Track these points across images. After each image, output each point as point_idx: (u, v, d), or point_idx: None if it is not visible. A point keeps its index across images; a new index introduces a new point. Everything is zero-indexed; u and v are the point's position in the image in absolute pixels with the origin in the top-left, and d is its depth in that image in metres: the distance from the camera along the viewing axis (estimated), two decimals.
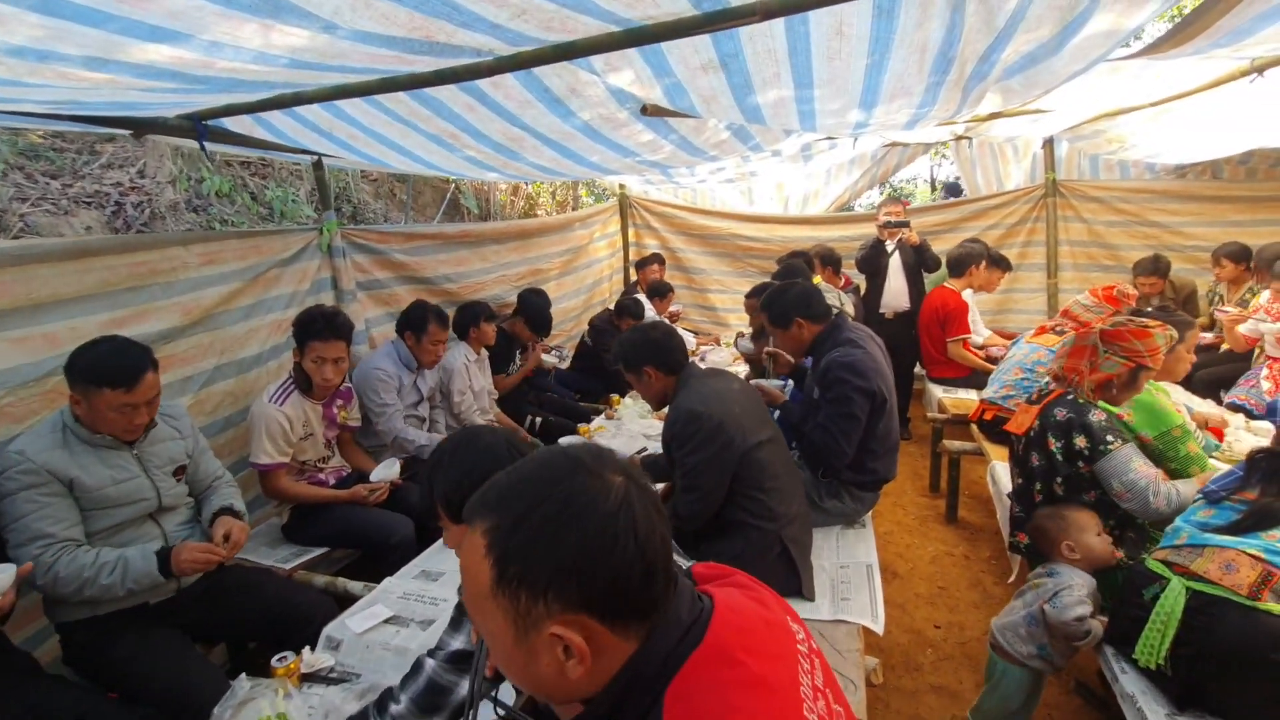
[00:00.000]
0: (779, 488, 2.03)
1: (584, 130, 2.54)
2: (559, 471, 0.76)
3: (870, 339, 2.55)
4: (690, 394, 2.11)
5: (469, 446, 1.31)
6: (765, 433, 2.10)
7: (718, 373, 2.29)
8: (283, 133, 2.64)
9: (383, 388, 3.12)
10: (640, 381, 2.27)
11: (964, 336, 4.46)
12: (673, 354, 2.23)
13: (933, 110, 2.59)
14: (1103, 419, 2.06)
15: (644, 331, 2.28)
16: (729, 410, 2.02)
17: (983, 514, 3.93)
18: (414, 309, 3.24)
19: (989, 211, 5.97)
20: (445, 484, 1.30)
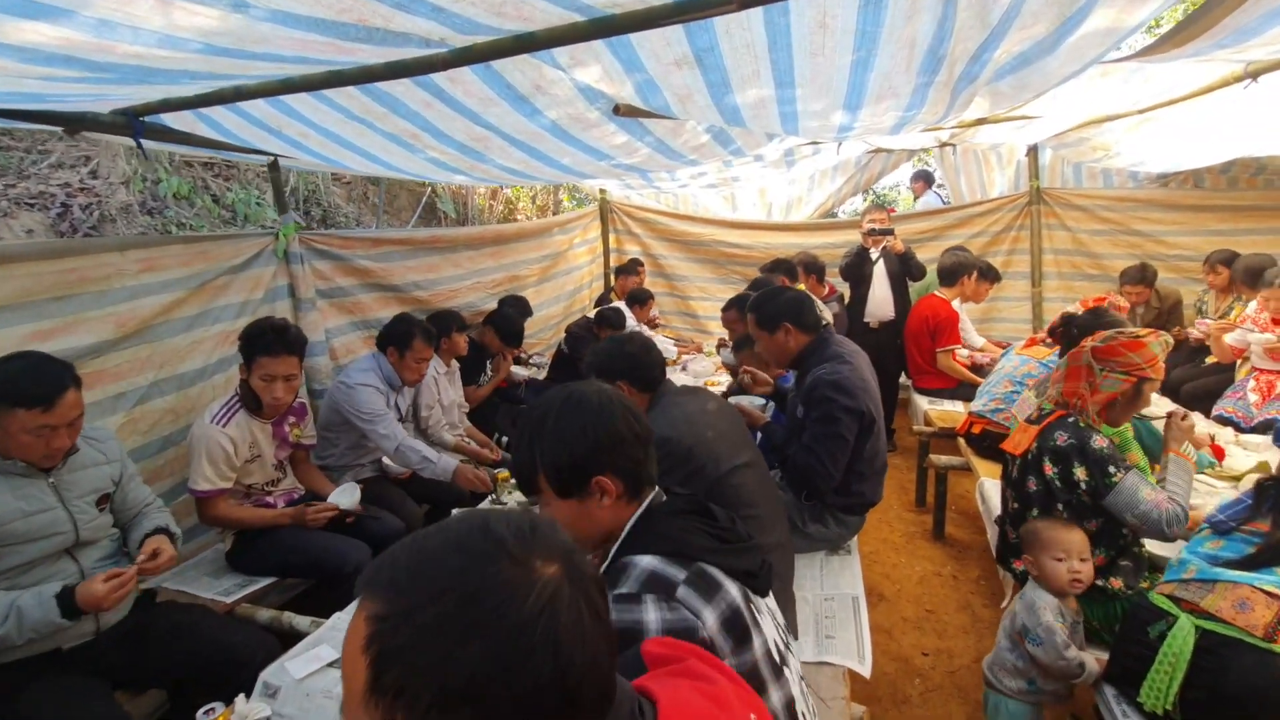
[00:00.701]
0: (757, 516, 1.88)
1: (552, 130, 2.38)
2: (472, 554, 0.59)
3: (858, 354, 2.41)
4: (661, 416, 1.96)
5: (581, 405, 1.17)
6: (742, 456, 1.96)
7: (693, 391, 2.14)
8: (229, 131, 2.46)
9: (373, 398, 2.93)
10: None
11: (953, 347, 4.35)
12: (649, 370, 2.07)
13: (920, 113, 2.47)
14: (1104, 446, 1.93)
15: (620, 344, 2.12)
16: (700, 435, 1.88)
17: (971, 530, 3.82)
18: (398, 323, 3.06)
19: (974, 219, 5.91)
20: (554, 448, 1.14)
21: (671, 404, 2.01)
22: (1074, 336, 2.71)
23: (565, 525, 1.18)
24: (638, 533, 1.14)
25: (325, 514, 2.48)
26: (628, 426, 1.16)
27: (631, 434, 1.16)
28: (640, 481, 1.17)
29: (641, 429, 1.18)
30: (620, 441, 1.14)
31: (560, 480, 1.14)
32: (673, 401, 2.03)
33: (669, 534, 1.11)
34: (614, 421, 1.14)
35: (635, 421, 1.18)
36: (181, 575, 2.50)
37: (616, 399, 1.19)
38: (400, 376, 3.06)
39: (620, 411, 1.16)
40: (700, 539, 1.11)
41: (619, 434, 1.14)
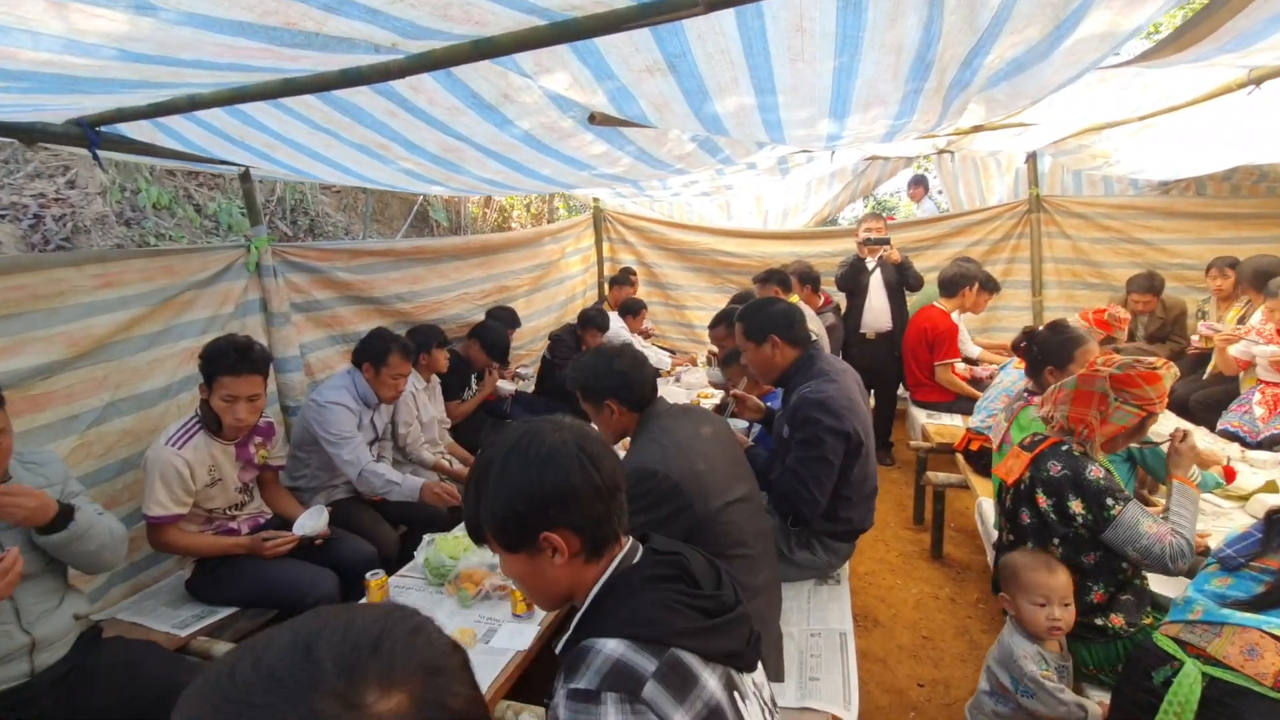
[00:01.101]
0: (746, 555, 1.76)
1: (526, 141, 2.28)
2: (285, 690, 0.48)
3: (845, 373, 2.29)
4: (649, 443, 1.83)
5: (528, 452, 1.02)
6: (736, 491, 1.82)
7: (686, 412, 1.99)
8: (191, 142, 2.36)
9: (342, 418, 2.81)
10: (599, 414, 1.98)
11: (952, 361, 4.23)
12: (640, 388, 1.93)
13: (911, 121, 2.37)
14: (1100, 476, 1.81)
15: (608, 360, 1.97)
16: (690, 467, 1.74)
17: (970, 549, 3.69)
18: (374, 339, 2.93)
19: (972, 227, 5.80)
20: (497, 501, 1.01)
21: (661, 430, 1.86)
22: (1034, 354, 2.61)
23: (519, 581, 1.07)
24: (604, 605, 1.01)
25: (284, 545, 2.37)
26: (585, 478, 1.01)
27: (589, 486, 1.01)
28: (602, 539, 1.04)
29: (604, 479, 1.04)
30: (573, 496, 1.00)
31: (504, 536, 1.02)
32: (662, 427, 1.88)
33: (640, 611, 0.97)
34: (567, 472, 1.00)
35: (596, 471, 1.03)
36: (139, 605, 2.40)
37: (576, 443, 1.04)
38: (376, 393, 2.95)
39: (577, 459, 1.02)
40: (678, 617, 0.97)
41: (572, 487, 1.00)
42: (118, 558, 1.88)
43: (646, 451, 1.80)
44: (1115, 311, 3.41)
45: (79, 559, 1.78)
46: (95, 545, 1.77)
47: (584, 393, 2.00)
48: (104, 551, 1.80)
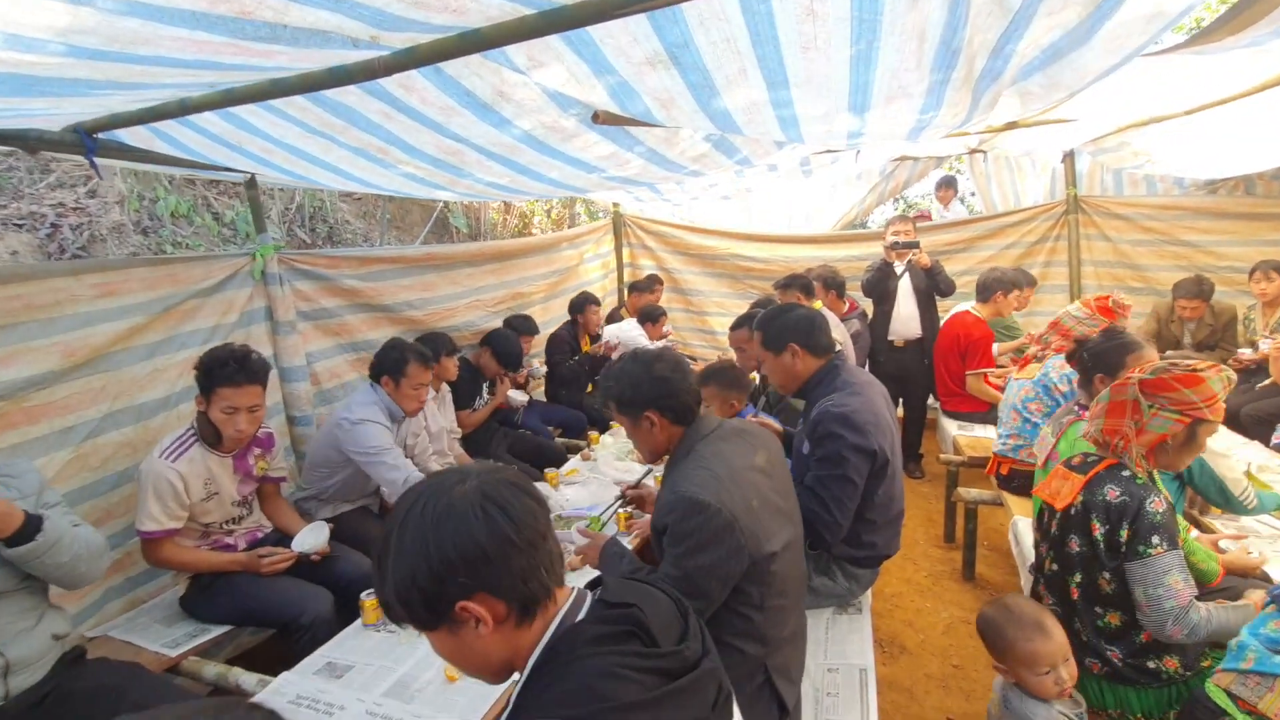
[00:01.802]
0: (783, 605, 1.60)
1: (527, 141, 2.18)
2: None
3: (871, 385, 2.13)
4: (697, 468, 1.58)
5: (424, 513, 0.87)
6: (784, 535, 1.61)
7: (740, 434, 1.73)
8: (188, 147, 2.31)
9: (377, 432, 2.71)
10: (636, 429, 1.75)
11: (985, 370, 4.02)
12: (684, 396, 1.70)
13: (938, 116, 2.21)
14: (1161, 511, 1.62)
15: (647, 364, 1.73)
16: (744, 502, 1.53)
17: (1004, 570, 3.48)
18: (389, 350, 2.85)
19: (1006, 229, 5.56)
20: (397, 576, 0.87)
21: (713, 453, 1.62)
22: (1085, 362, 2.41)
23: (449, 660, 0.94)
24: (543, 675, 0.87)
25: (280, 562, 2.29)
26: (493, 533, 0.85)
27: (500, 541, 0.85)
28: (531, 598, 0.89)
29: (519, 529, 0.87)
30: (482, 556, 0.84)
31: (414, 613, 0.87)
32: (714, 450, 1.63)
33: (581, 684, 0.82)
34: (469, 530, 0.85)
35: (507, 521, 0.86)
36: (132, 622, 2.34)
37: (480, 492, 0.88)
38: (400, 407, 2.86)
39: (480, 512, 0.86)
40: (627, 688, 0.83)
41: (478, 546, 0.84)
42: (96, 571, 1.80)
43: (695, 479, 1.54)
44: (1118, 298, 3.18)
45: (52, 572, 1.71)
46: (68, 557, 1.69)
47: (619, 404, 1.77)
48: (79, 564, 1.73)
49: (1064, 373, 3.04)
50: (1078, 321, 3.18)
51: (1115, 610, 1.70)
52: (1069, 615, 1.79)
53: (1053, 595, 1.85)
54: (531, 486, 0.95)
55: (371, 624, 2.13)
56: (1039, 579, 1.94)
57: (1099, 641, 1.73)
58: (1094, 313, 3.18)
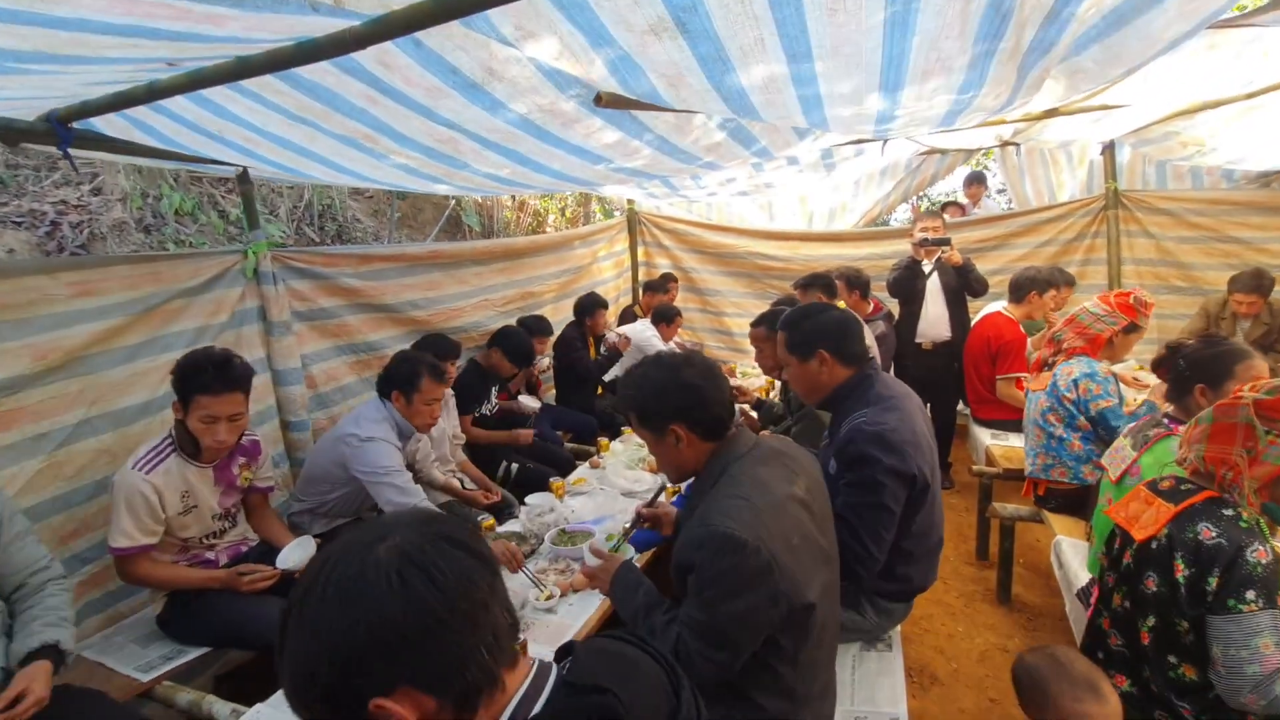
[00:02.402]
0: (814, 660, 1.41)
1: (525, 128, 2.00)
2: None
3: (908, 399, 1.90)
4: (733, 498, 1.36)
5: (327, 584, 0.68)
6: (822, 577, 1.41)
7: (777, 455, 1.51)
8: (166, 137, 2.17)
9: (386, 452, 2.55)
10: (660, 444, 1.54)
11: (1017, 375, 3.77)
12: (716, 407, 1.49)
13: (978, 96, 1.99)
14: (1264, 563, 1.37)
15: (673, 369, 1.52)
16: (784, 540, 1.33)
17: (1043, 591, 3.23)
18: (400, 364, 2.68)
19: (1041, 226, 5.27)
20: (294, 664, 0.69)
21: (748, 479, 1.40)
22: (1182, 372, 2.16)
23: None
24: None
25: (262, 580, 2.14)
26: (414, 607, 0.66)
27: (425, 618, 0.67)
28: (471, 689, 0.70)
29: (450, 598, 0.68)
30: (401, 640, 0.66)
31: (315, 715, 0.69)
32: (750, 474, 1.42)
33: None
34: (381, 605, 0.66)
35: (434, 590, 0.67)
36: (108, 641, 2.20)
37: (401, 553, 0.69)
38: (411, 423, 2.68)
39: (396, 580, 0.67)
40: None
41: (396, 628, 0.66)
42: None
43: (730, 510, 1.33)
44: (1140, 294, 2.92)
45: None
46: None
47: (641, 416, 1.55)
48: None
49: (1072, 378, 2.80)
50: (1095, 318, 2.93)
51: (1191, 662, 1.47)
52: (1136, 661, 1.56)
53: (1120, 635, 1.62)
54: (475, 540, 0.75)
55: None
56: (1101, 613, 1.71)
57: (1169, 694, 1.51)
58: (1113, 309, 2.93)
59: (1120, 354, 3.04)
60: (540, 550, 2.53)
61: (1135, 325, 2.93)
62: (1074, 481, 2.84)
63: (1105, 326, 2.92)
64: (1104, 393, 2.78)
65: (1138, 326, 2.94)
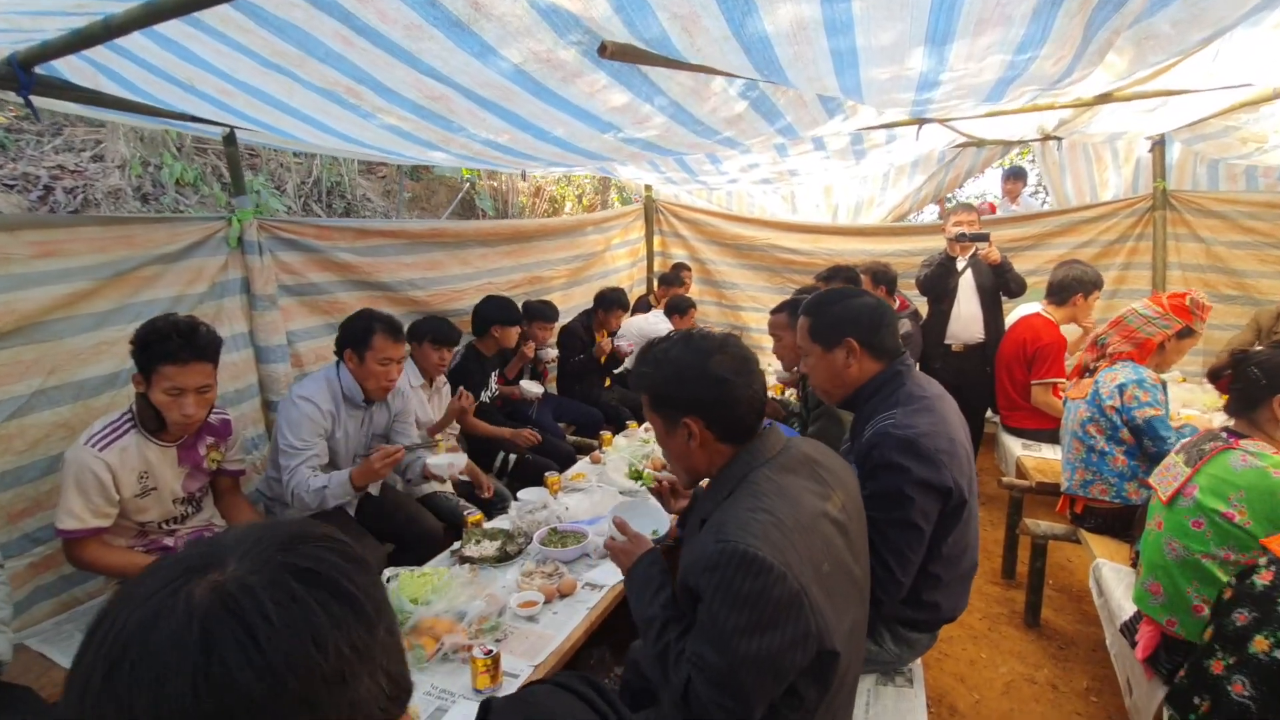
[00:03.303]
0: (832, 709, 1.20)
1: (521, 81, 1.79)
2: None
3: (943, 400, 1.66)
4: (754, 512, 1.14)
5: (108, 650, 0.45)
6: (850, 614, 1.20)
7: (809, 463, 1.29)
8: (135, 85, 2.00)
9: (302, 426, 2.36)
10: (671, 436, 1.33)
11: (1054, 380, 3.50)
12: (743, 406, 1.27)
13: (1037, 59, 1.74)
14: None
15: (703, 354, 1.29)
16: (814, 566, 1.12)
17: (1075, 617, 2.98)
18: (354, 321, 2.47)
19: (1081, 226, 4.96)
20: None
21: (774, 490, 1.19)
22: (1253, 381, 1.90)
23: None
24: None
25: None
26: (217, 698, 0.43)
27: (238, 711, 0.44)
28: None
29: (301, 681, 0.46)
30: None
31: None
32: (776, 484, 1.20)
33: None
34: (166, 692, 0.43)
35: (259, 673, 0.44)
36: (57, 630, 2.05)
37: (233, 602, 0.46)
38: (363, 387, 2.50)
39: (206, 650, 0.44)
40: None
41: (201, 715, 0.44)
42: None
43: (751, 525, 1.12)
44: (1197, 296, 2.64)
45: None
46: None
47: (654, 399, 1.34)
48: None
49: (1115, 384, 2.54)
50: (1146, 321, 2.66)
51: None
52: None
53: (1256, 686, 1.33)
54: (352, 573, 0.52)
55: None
56: (1215, 653, 1.42)
57: None
58: (1166, 311, 2.66)
59: (1171, 361, 2.77)
60: (528, 550, 2.34)
61: (1190, 330, 2.66)
62: (1116, 500, 2.58)
63: (1157, 330, 2.65)
64: (1151, 400, 2.51)
65: (1193, 331, 2.67)
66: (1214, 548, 1.62)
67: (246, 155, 5.22)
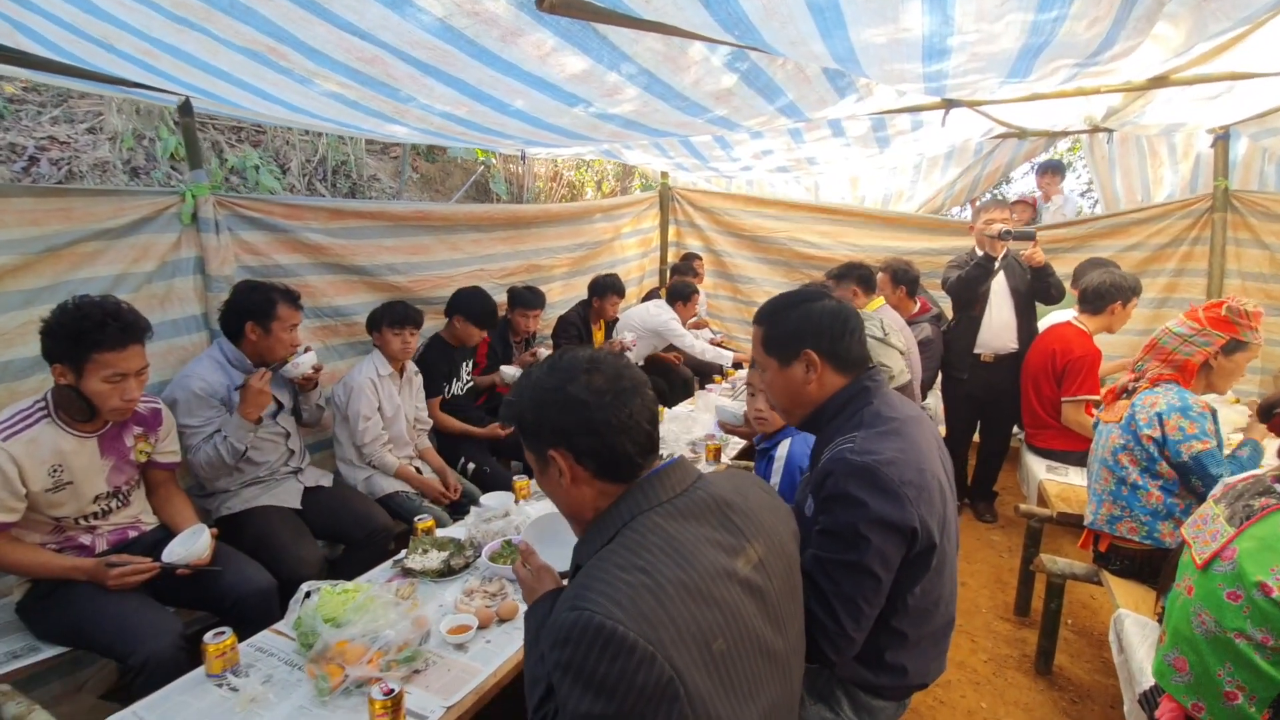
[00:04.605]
0: None
1: (452, 40, 1.56)
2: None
3: (917, 423, 1.39)
4: (623, 570, 0.92)
5: None
6: (760, 701, 0.97)
7: (719, 510, 1.04)
8: (53, 44, 1.84)
9: (196, 406, 2.27)
10: (544, 473, 1.10)
11: (1087, 398, 3.15)
12: (617, 436, 1.03)
13: (1066, 19, 1.45)
14: None
15: (564, 374, 1.06)
16: (697, 641, 0.90)
17: (1092, 665, 2.67)
18: (251, 293, 2.38)
19: (1130, 228, 4.54)
20: None
21: (654, 540, 0.96)
22: None
23: None
24: None
25: (134, 575, 1.81)
26: None
27: None
28: None
29: None
30: None
31: None
32: (662, 534, 0.97)
33: None
34: None
35: None
36: None
37: None
38: (264, 357, 2.41)
39: None
40: None
41: None
42: None
43: (620, 591, 0.89)
44: (1238, 303, 2.25)
45: None
46: None
47: (521, 431, 1.11)
48: None
49: (1155, 411, 2.20)
50: (1181, 340, 2.28)
51: None
52: None
53: None
54: None
55: (215, 674, 1.62)
56: None
57: None
58: (1203, 326, 2.28)
59: (1224, 382, 2.38)
60: (476, 564, 2.14)
61: (1238, 342, 2.26)
62: (1146, 541, 2.26)
63: (1196, 349, 2.27)
64: (1199, 432, 2.16)
65: (1242, 343, 2.27)
66: (1250, 628, 1.32)
67: (250, 130, 5.13)
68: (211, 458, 2.24)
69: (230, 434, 2.24)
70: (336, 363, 3.15)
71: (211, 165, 4.40)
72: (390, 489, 2.77)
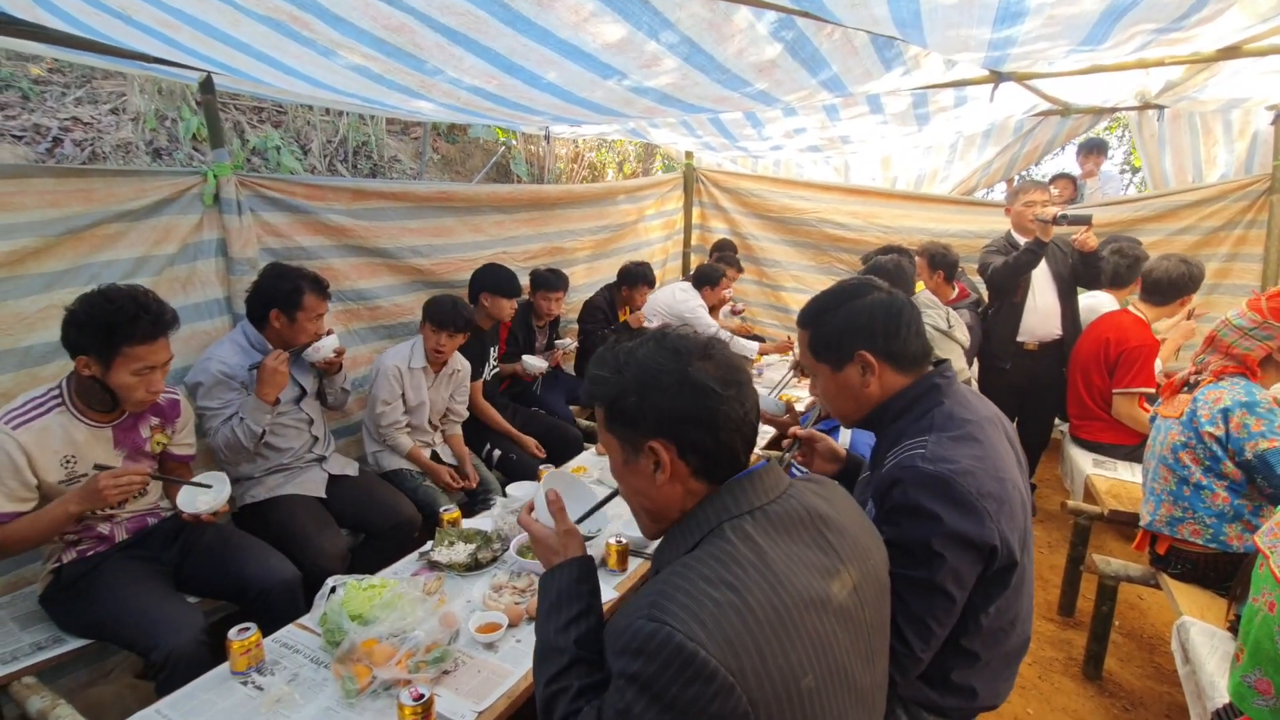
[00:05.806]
0: None
1: (485, 5, 1.46)
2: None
3: (993, 424, 1.26)
4: (710, 584, 0.82)
5: None
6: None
7: (813, 524, 0.92)
8: (74, 18, 1.76)
9: (216, 388, 2.22)
10: (630, 468, 0.97)
11: (1141, 390, 3.00)
12: (731, 429, 0.92)
13: None
14: None
15: (683, 356, 0.94)
16: (784, 676, 0.79)
17: (1145, 671, 2.55)
18: (279, 281, 2.30)
19: (1180, 211, 4.32)
20: None
21: (750, 554, 0.85)
22: None
23: None
24: None
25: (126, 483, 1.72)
26: None
27: None
28: None
29: None
30: None
31: None
32: (754, 547, 0.86)
33: None
34: None
35: None
36: None
37: None
38: (294, 343, 2.34)
39: None
40: None
41: None
42: None
43: (705, 609, 0.79)
44: None
45: None
46: None
47: (612, 414, 0.97)
48: None
49: (1220, 407, 2.06)
50: (1241, 334, 2.13)
51: None
52: None
53: None
54: None
55: (240, 672, 1.57)
56: None
57: None
58: (1266, 318, 2.12)
59: None
60: (504, 558, 2.07)
61: None
62: (1212, 545, 2.13)
63: (1256, 343, 2.12)
64: (1267, 429, 2.02)
65: None
66: None
67: (272, 111, 5.06)
68: (230, 439, 2.20)
69: (246, 415, 2.19)
70: (359, 347, 3.09)
71: (233, 146, 4.34)
72: (395, 466, 2.73)
